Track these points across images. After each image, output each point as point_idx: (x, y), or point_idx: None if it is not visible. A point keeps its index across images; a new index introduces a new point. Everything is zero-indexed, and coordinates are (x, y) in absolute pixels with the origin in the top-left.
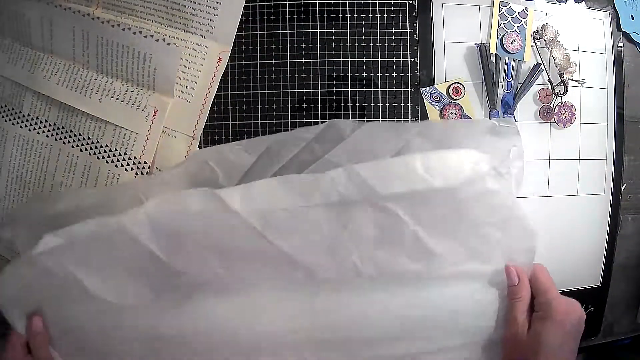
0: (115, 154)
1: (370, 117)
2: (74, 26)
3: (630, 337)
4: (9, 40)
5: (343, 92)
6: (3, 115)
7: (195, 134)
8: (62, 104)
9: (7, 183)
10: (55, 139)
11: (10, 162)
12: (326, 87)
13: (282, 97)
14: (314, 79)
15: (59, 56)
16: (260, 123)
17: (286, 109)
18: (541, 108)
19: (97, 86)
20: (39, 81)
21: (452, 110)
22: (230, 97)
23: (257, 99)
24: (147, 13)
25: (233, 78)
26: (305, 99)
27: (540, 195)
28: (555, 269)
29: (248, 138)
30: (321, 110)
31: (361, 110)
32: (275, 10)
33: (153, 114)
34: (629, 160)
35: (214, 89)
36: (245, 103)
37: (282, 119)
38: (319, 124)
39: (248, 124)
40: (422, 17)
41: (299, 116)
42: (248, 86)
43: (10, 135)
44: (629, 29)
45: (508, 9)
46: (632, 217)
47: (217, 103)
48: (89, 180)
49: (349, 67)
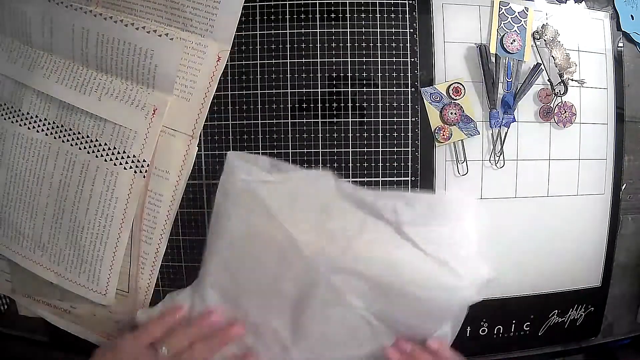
0: (114, 152)
1: (370, 117)
2: (74, 24)
3: (630, 337)
4: (9, 38)
5: (343, 92)
6: (2, 113)
7: (195, 132)
8: (61, 102)
9: (7, 181)
10: (54, 137)
11: (10, 160)
12: (326, 87)
13: (282, 97)
14: (314, 79)
15: (59, 54)
16: (260, 123)
17: (286, 109)
18: (541, 108)
19: (96, 84)
20: (39, 79)
21: (452, 110)
22: (230, 97)
23: (257, 99)
24: (147, 12)
25: (233, 78)
26: (305, 99)
27: (540, 195)
28: (555, 269)
29: (248, 138)
30: (321, 110)
31: (361, 110)
32: (275, 10)
33: (152, 112)
34: (629, 160)
35: (213, 88)
36: (245, 103)
37: (282, 119)
38: (319, 124)
39: (248, 124)
40: (422, 17)
41: (299, 116)
42: (248, 86)
43: (9, 133)
44: (629, 29)
45: (508, 9)
46: (632, 217)
47: (217, 103)
48: (87, 178)
49: (349, 67)
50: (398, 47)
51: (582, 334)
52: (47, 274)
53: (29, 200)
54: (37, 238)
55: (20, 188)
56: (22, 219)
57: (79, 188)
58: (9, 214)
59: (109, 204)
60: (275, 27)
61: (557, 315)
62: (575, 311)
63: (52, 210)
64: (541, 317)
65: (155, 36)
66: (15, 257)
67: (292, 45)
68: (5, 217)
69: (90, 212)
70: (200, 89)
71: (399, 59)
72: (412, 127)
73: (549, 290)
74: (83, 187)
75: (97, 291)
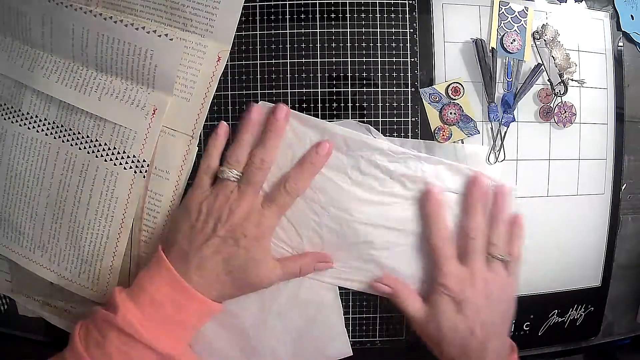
0: (114, 152)
1: (370, 117)
2: (74, 24)
3: (630, 337)
4: (9, 38)
5: (343, 92)
6: (2, 113)
7: (195, 133)
8: (61, 102)
9: (6, 181)
10: (54, 137)
11: (9, 160)
12: (326, 87)
13: (282, 97)
14: (314, 79)
15: (59, 54)
16: None
17: None
18: (541, 108)
19: (96, 84)
20: (39, 79)
21: (452, 110)
22: (230, 97)
23: (257, 99)
24: (147, 12)
25: (233, 78)
26: (305, 99)
27: (540, 195)
28: (555, 269)
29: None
30: (321, 110)
31: (361, 111)
32: (275, 10)
33: (152, 112)
34: (629, 160)
35: (213, 88)
36: (245, 103)
37: None
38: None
39: None
40: (422, 17)
41: None
42: (248, 86)
43: (9, 133)
44: (629, 29)
45: (508, 9)
46: (632, 217)
47: (217, 103)
48: (87, 178)
49: (349, 67)
50: (398, 47)
51: (582, 334)
52: (47, 274)
53: (29, 200)
54: (36, 238)
55: (20, 188)
56: (22, 219)
57: (79, 188)
58: (9, 214)
59: (108, 204)
60: (275, 27)
61: (557, 315)
62: (575, 311)
63: (52, 210)
64: (541, 317)
65: (155, 36)
66: (14, 257)
67: (292, 45)
68: (5, 217)
69: (90, 212)
70: (200, 89)
71: (399, 59)
72: (412, 127)
73: (549, 290)
74: (83, 187)
75: (97, 291)
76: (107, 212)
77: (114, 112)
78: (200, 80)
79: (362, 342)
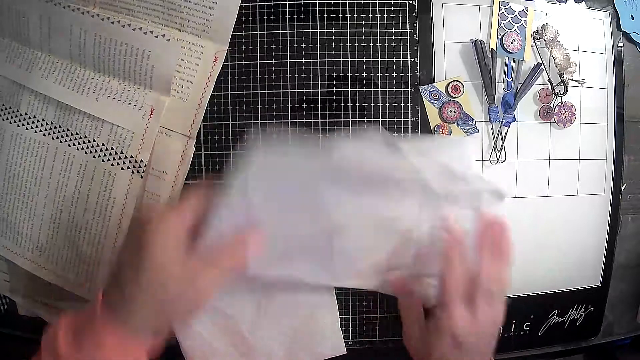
0: (111, 152)
1: (370, 117)
2: (72, 25)
3: (630, 337)
4: (7, 39)
5: (343, 92)
6: (0, 114)
7: (192, 133)
8: (59, 102)
9: (4, 182)
10: (52, 138)
11: (8, 160)
12: (326, 87)
13: (282, 97)
14: (313, 79)
15: (57, 55)
16: (260, 123)
17: (286, 109)
18: (541, 108)
19: (94, 85)
20: (37, 80)
21: (451, 108)
22: (229, 97)
23: (256, 99)
24: (144, 13)
25: (232, 78)
26: (305, 99)
27: (540, 195)
28: (555, 269)
29: (247, 138)
30: (321, 110)
31: (361, 110)
32: (275, 10)
33: (150, 112)
34: (629, 160)
35: (210, 89)
36: (245, 103)
37: (282, 119)
38: (318, 124)
39: (248, 124)
40: (422, 17)
41: (299, 116)
42: (247, 86)
43: (7, 133)
44: (629, 29)
45: (508, 9)
46: (632, 217)
47: (217, 103)
48: (85, 179)
49: (349, 67)
50: (398, 47)
51: (582, 334)
52: (45, 274)
53: (27, 201)
54: (35, 238)
55: (19, 188)
56: (21, 219)
57: (77, 188)
58: (8, 214)
59: (106, 204)
60: (275, 27)
61: (557, 315)
62: (575, 311)
63: (50, 210)
64: (541, 317)
65: (152, 37)
66: (13, 257)
67: (292, 45)
68: (4, 217)
69: (88, 212)
70: (197, 90)
71: (399, 58)
72: (412, 127)
73: (549, 290)
74: (81, 187)
75: (95, 291)
76: (104, 212)
77: (111, 112)
78: (197, 81)
79: (361, 342)
